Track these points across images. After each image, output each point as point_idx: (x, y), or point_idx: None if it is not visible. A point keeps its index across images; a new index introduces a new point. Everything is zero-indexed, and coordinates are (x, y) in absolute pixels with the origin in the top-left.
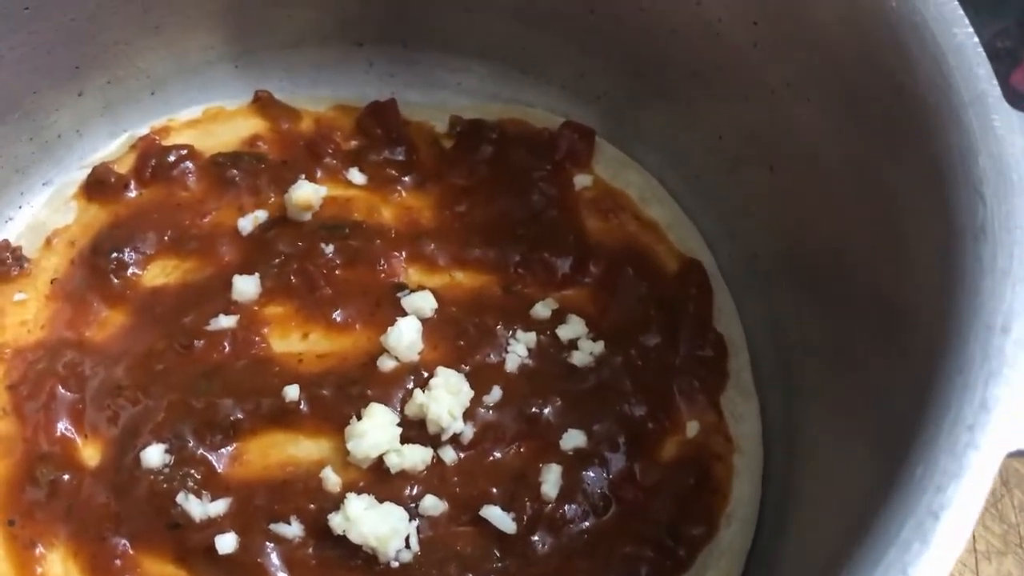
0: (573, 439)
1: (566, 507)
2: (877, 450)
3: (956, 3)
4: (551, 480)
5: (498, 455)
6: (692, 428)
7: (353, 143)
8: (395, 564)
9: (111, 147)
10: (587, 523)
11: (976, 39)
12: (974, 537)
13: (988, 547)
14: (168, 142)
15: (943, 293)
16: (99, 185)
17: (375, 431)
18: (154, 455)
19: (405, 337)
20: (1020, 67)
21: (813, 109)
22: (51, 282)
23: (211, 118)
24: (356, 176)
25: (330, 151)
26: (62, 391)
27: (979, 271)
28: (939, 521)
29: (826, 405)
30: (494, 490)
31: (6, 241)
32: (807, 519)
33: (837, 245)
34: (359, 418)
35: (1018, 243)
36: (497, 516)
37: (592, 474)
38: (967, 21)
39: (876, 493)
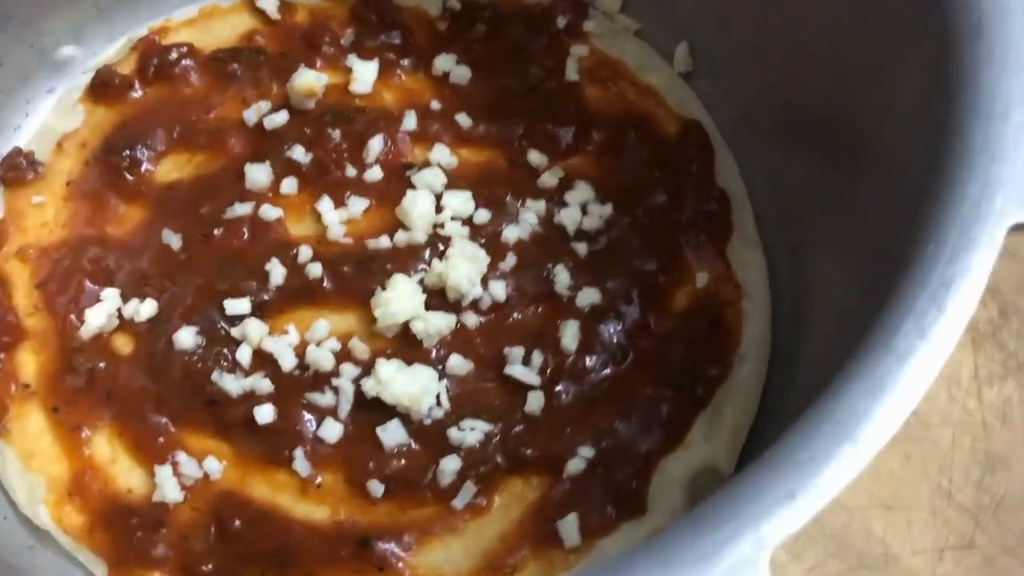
0: (588, 296)
1: (586, 358)
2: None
3: None
4: (569, 335)
5: (517, 316)
6: (701, 279)
7: (349, 31)
8: (428, 421)
9: (111, 51)
10: (607, 371)
11: None
12: (975, 365)
13: (990, 373)
14: (167, 41)
15: (943, 93)
16: (104, 87)
17: (400, 300)
18: (186, 337)
19: (419, 209)
20: None
21: None
22: (67, 184)
23: (207, 16)
24: (356, 63)
25: (327, 40)
26: (90, 285)
27: (977, 66)
28: (951, 290)
29: (831, 240)
30: (516, 347)
31: (17, 148)
32: (818, 353)
33: (832, 71)
34: (383, 289)
35: (1011, 36)
36: (520, 371)
37: (608, 327)
38: None
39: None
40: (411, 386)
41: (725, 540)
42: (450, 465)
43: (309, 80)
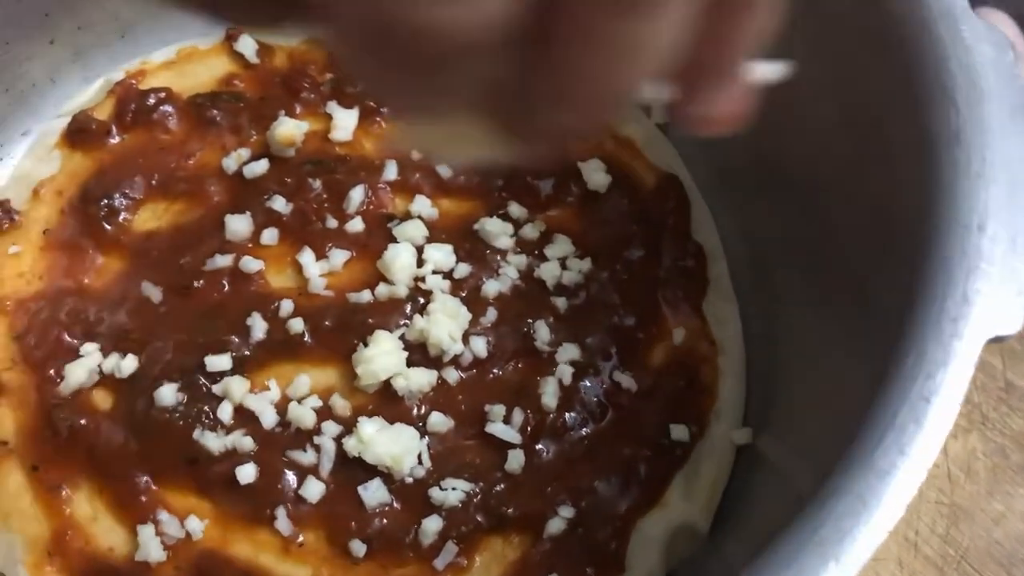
0: (568, 352)
1: (566, 416)
2: (860, 337)
3: None
4: (550, 392)
5: (498, 372)
6: (678, 335)
7: (328, 76)
8: (409, 480)
9: (87, 93)
10: (586, 430)
11: None
12: None
13: (954, 426)
14: (144, 85)
15: (921, 195)
16: (81, 133)
17: (382, 357)
18: (167, 394)
19: (401, 262)
20: None
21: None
22: (43, 233)
23: (185, 58)
24: (337, 110)
25: (307, 85)
26: (68, 338)
27: (955, 174)
28: (930, 405)
29: (805, 303)
30: (496, 405)
31: None
32: (792, 408)
33: (812, 154)
34: (365, 345)
35: (988, 147)
36: (501, 430)
37: (588, 384)
38: None
39: (864, 381)
40: (393, 447)
41: None
42: (432, 526)
43: (289, 129)
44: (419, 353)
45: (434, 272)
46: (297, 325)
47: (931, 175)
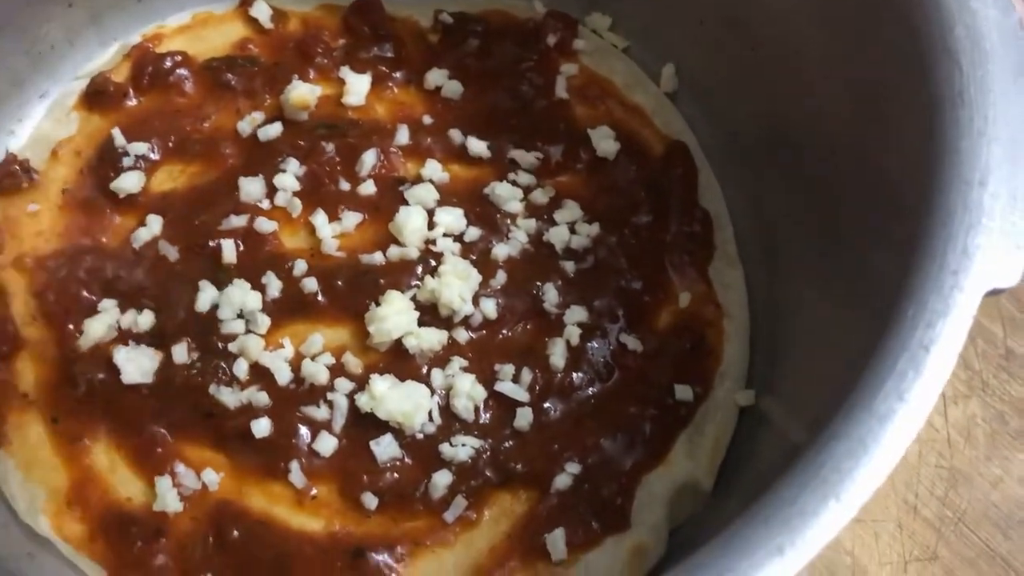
0: (575, 315)
1: (573, 375)
2: (862, 299)
3: None
4: (558, 352)
5: (507, 333)
6: (684, 298)
7: (341, 42)
8: (420, 436)
9: (104, 57)
10: (593, 389)
11: None
12: None
13: (955, 392)
14: (161, 49)
15: (924, 155)
16: (99, 95)
17: (394, 316)
18: (182, 351)
19: (412, 225)
20: None
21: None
22: (62, 192)
23: (201, 23)
24: (349, 75)
25: (320, 51)
26: (86, 294)
27: (957, 133)
28: (929, 354)
29: (810, 267)
30: (506, 364)
31: (12, 155)
32: (795, 371)
33: (818, 119)
34: (377, 304)
35: (992, 105)
36: (510, 388)
37: (595, 344)
38: None
39: (866, 335)
40: (404, 403)
41: None
42: (442, 480)
43: (303, 93)
44: (430, 314)
45: (445, 235)
46: (311, 284)
47: (935, 134)
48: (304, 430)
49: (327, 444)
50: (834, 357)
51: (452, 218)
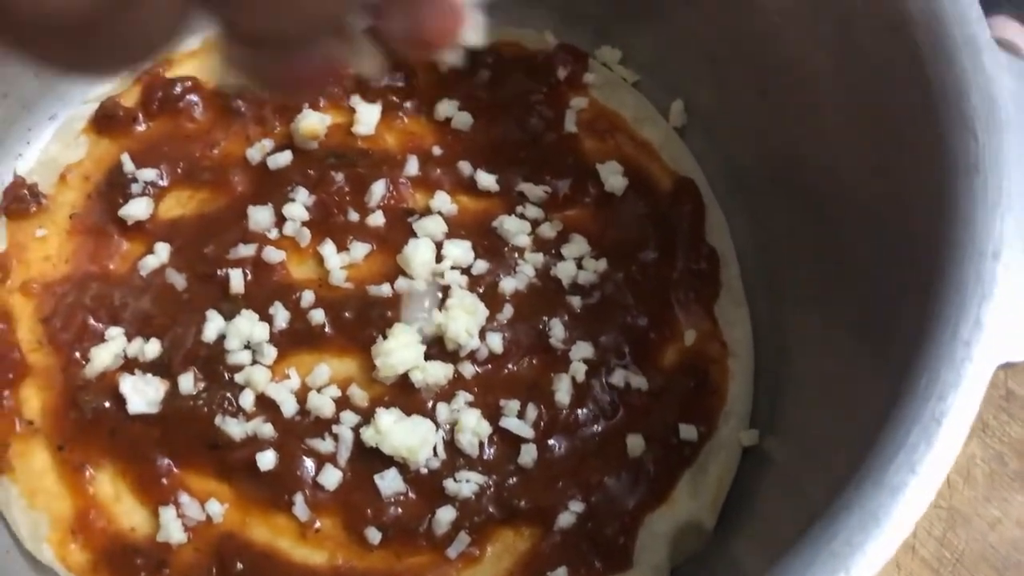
0: (581, 351)
1: (578, 412)
2: (867, 351)
3: None
4: (563, 389)
5: (512, 368)
6: (690, 336)
7: (352, 70)
8: (424, 471)
9: (113, 80)
10: (598, 426)
11: None
12: None
13: None
14: (171, 74)
15: (937, 222)
16: (108, 120)
17: (401, 350)
18: (188, 381)
19: (420, 257)
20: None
21: (809, 37)
22: (70, 217)
23: (211, 48)
24: (360, 104)
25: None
26: (93, 322)
27: (972, 203)
28: (941, 426)
29: (815, 311)
30: (511, 400)
31: (21, 178)
32: (798, 412)
33: (830, 170)
34: (384, 337)
35: (1006, 177)
36: (515, 424)
37: (600, 382)
38: None
39: (869, 392)
40: (410, 438)
41: None
42: (445, 515)
43: (313, 123)
44: (436, 347)
45: (452, 268)
46: (318, 316)
47: (949, 202)
48: (309, 463)
49: (331, 477)
50: (840, 406)
51: (460, 251)
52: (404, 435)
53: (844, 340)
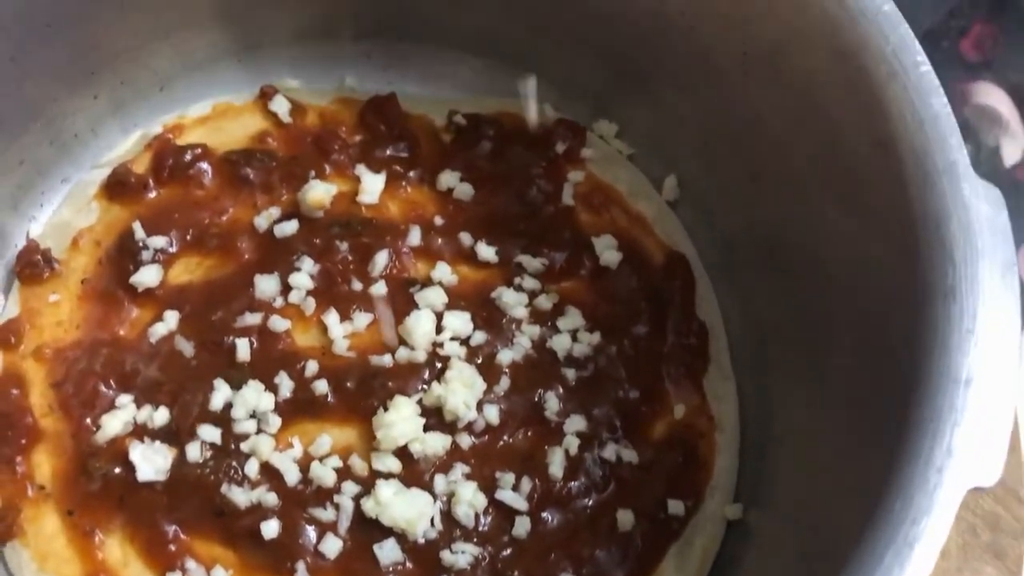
0: (575, 423)
1: (571, 485)
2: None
3: (933, 74)
4: (556, 462)
5: (508, 439)
6: (679, 410)
7: (358, 138)
8: (422, 541)
9: (125, 145)
10: (590, 500)
11: (949, 108)
12: None
13: None
14: (181, 141)
15: (915, 343)
16: (119, 186)
17: (401, 423)
18: (195, 449)
19: (422, 329)
20: (967, 36)
21: (800, 141)
22: (81, 282)
23: (220, 114)
24: (365, 173)
25: (336, 147)
26: (103, 389)
27: (948, 328)
28: (913, 551)
29: (798, 391)
30: (507, 473)
31: (35, 243)
32: (780, 486)
33: (816, 252)
34: (385, 408)
35: (981, 305)
36: (510, 497)
37: (593, 455)
38: (943, 92)
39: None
40: (409, 511)
41: None
42: None
43: (319, 194)
44: (435, 418)
45: (452, 339)
46: (321, 386)
47: (926, 326)
48: (311, 531)
49: (332, 546)
50: (819, 479)
51: (460, 322)
52: (403, 507)
53: (826, 424)
